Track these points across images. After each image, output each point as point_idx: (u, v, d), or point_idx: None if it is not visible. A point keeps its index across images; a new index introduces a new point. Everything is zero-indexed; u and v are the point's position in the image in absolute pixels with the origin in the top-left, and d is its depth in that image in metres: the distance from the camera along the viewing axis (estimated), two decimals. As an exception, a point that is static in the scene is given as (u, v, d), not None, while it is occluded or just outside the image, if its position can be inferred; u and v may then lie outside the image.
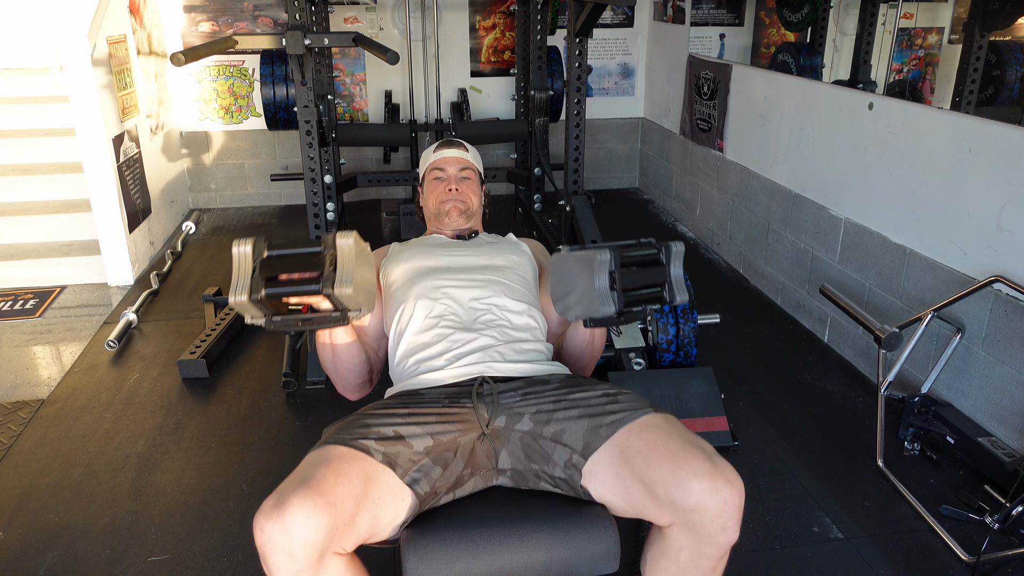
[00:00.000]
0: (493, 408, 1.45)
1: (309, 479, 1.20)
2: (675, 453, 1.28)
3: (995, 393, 2.35)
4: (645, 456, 1.30)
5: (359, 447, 1.33)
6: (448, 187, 1.95)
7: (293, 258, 1.35)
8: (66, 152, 4.18)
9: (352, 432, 1.37)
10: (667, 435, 1.33)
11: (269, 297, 1.31)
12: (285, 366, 2.87)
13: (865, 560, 2.02)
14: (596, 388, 1.50)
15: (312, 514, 1.15)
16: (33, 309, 3.55)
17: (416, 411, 1.44)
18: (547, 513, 1.39)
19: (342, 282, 1.30)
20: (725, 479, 1.23)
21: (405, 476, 1.34)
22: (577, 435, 1.40)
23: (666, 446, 1.30)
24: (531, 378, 1.56)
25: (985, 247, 2.36)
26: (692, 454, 1.27)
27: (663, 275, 1.44)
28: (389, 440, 1.36)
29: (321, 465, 1.25)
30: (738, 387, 2.85)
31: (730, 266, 4.06)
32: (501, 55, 5.08)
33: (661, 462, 1.28)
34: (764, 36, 4.87)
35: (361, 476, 1.27)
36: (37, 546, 2.08)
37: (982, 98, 3.39)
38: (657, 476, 1.27)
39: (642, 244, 1.46)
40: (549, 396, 1.48)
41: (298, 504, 1.15)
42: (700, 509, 1.23)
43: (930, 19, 4.34)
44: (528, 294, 1.74)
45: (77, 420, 2.67)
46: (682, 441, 1.31)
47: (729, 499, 1.23)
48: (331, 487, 1.20)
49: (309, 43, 2.80)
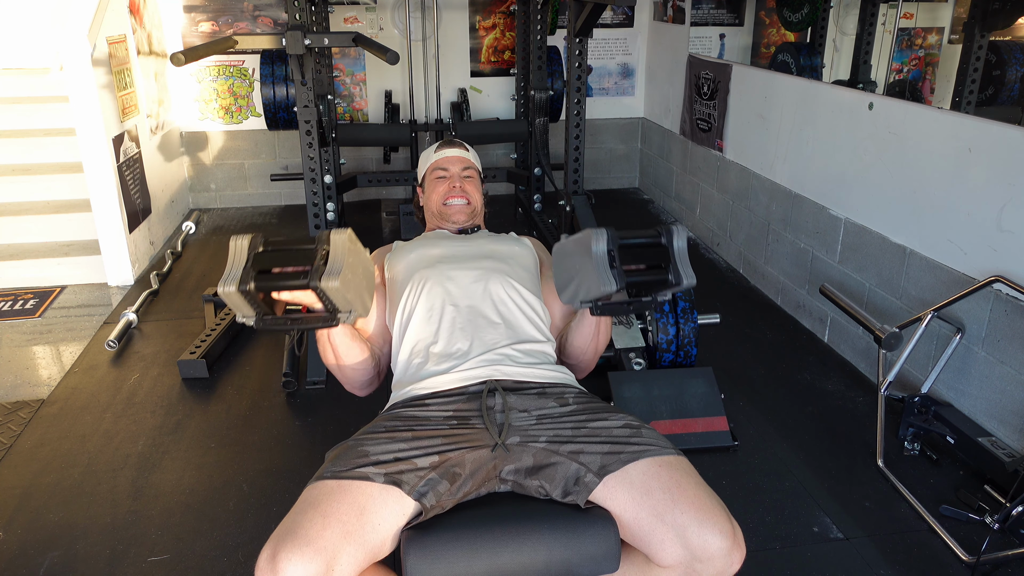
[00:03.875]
0: (506, 429, 1.45)
1: (297, 529, 1.25)
2: (703, 504, 1.32)
3: (995, 393, 2.35)
4: (673, 496, 1.33)
5: (354, 476, 1.34)
6: (452, 185, 1.96)
7: (287, 253, 1.35)
8: (66, 152, 4.18)
9: (349, 463, 1.37)
10: (696, 484, 1.37)
11: (258, 290, 1.30)
12: (285, 366, 2.87)
13: (865, 560, 2.02)
14: (616, 418, 1.49)
15: (301, 564, 1.20)
16: (33, 309, 3.55)
17: (420, 434, 1.44)
18: (548, 513, 1.39)
19: (330, 275, 1.29)
20: (740, 545, 1.31)
21: (412, 491, 1.34)
22: (595, 457, 1.40)
23: (696, 494, 1.34)
24: (543, 388, 1.55)
25: (985, 247, 2.36)
26: (718, 511, 1.32)
27: (665, 255, 1.41)
28: (390, 463, 1.36)
29: (309, 509, 1.29)
30: (738, 387, 2.85)
31: (730, 266, 4.06)
32: (501, 55, 5.08)
33: (689, 508, 1.31)
34: (764, 36, 4.87)
35: (352, 509, 1.29)
36: (37, 546, 2.07)
37: (982, 98, 3.39)
38: (683, 520, 1.30)
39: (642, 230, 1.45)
40: (567, 423, 1.47)
41: (286, 558, 1.20)
42: (710, 561, 1.28)
43: (930, 19, 4.34)
44: (530, 280, 1.75)
45: (77, 420, 2.67)
46: (708, 494, 1.36)
47: (736, 562, 1.30)
48: (318, 533, 1.24)
49: (309, 43, 2.80)
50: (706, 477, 2.41)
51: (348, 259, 1.33)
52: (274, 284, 1.32)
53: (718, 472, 2.36)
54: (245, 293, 1.29)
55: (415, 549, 1.32)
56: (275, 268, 1.33)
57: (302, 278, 1.30)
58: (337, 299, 1.33)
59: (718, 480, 2.33)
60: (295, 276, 1.32)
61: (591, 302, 1.44)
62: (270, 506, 2.22)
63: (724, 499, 1.36)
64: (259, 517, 2.18)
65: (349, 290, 1.33)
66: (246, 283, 1.29)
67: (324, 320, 1.38)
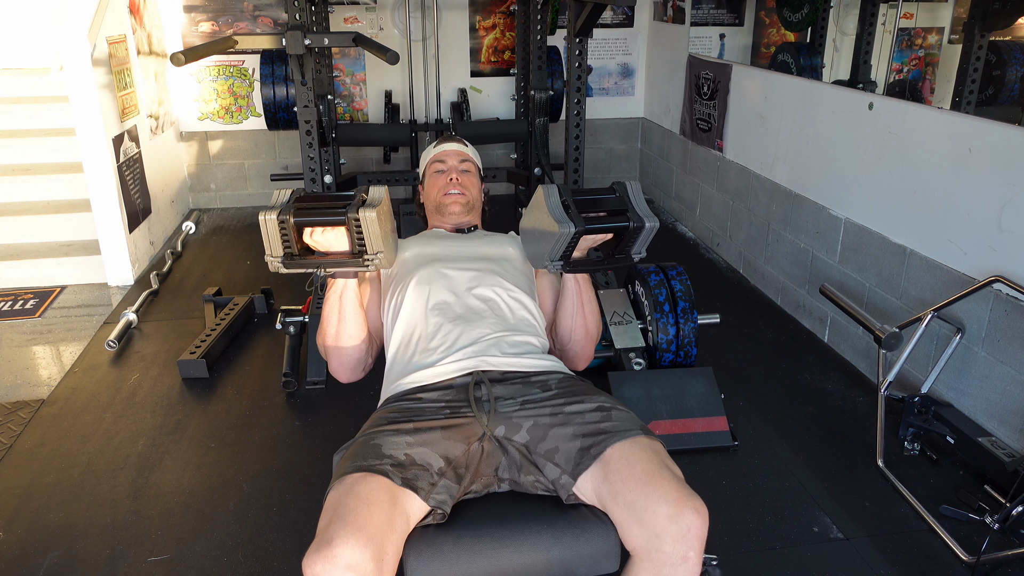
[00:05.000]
0: (491, 416, 1.46)
1: (347, 516, 1.23)
2: (649, 476, 1.29)
3: (995, 393, 2.35)
4: (623, 477, 1.32)
5: (379, 471, 1.33)
6: (449, 178, 1.98)
7: (328, 198, 1.41)
8: (66, 152, 4.18)
9: (369, 460, 1.36)
10: (646, 459, 1.34)
11: (297, 221, 1.35)
12: (285, 366, 2.87)
13: (865, 560, 2.02)
14: (592, 399, 1.49)
15: (357, 550, 1.18)
16: (33, 309, 3.55)
17: (421, 425, 1.44)
18: (547, 513, 1.39)
19: (368, 207, 1.34)
20: (692, 507, 1.24)
21: (428, 498, 1.34)
22: (569, 455, 1.40)
23: (644, 469, 1.31)
24: (528, 377, 1.56)
25: (985, 247, 2.36)
26: (664, 479, 1.28)
27: (622, 203, 1.42)
28: (404, 466, 1.36)
29: (351, 498, 1.27)
30: (738, 387, 2.85)
31: (730, 266, 4.06)
32: (501, 55, 5.08)
33: (636, 484, 1.29)
34: (764, 36, 4.87)
35: (389, 499, 1.28)
36: (37, 546, 2.07)
37: (982, 98, 3.39)
38: (631, 497, 1.28)
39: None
40: (546, 407, 1.48)
41: (342, 543, 1.17)
42: (663, 534, 1.24)
43: (930, 19, 4.34)
44: (524, 283, 1.76)
45: (77, 420, 2.67)
46: (657, 466, 1.32)
47: (692, 527, 1.23)
48: (367, 519, 1.22)
49: (309, 43, 2.80)
50: (706, 477, 2.42)
51: (383, 205, 1.37)
52: (312, 216, 1.37)
53: (718, 472, 2.36)
54: (283, 223, 1.32)
55: (415, 549, 1.32)
56: (315, 208, 1.38)
57: (340, 213, 1.35)
58: (371, 234, 1.36)
59: (718, 480, 2.33)
60: (333, 211, 1.37)
61: (561, 260, 1.44)
62: (270, 506, 2.22)
63: (724, 499, 1.36)
64: (259, 517, 2.18)
65: (381, 231, 1.36)
66: (286, 213, 1.33)
67: (352, 261, 1.41)
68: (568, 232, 1.35)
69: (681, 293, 2.77)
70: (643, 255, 1.48)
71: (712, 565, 1.73)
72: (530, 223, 1.48)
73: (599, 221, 1.40)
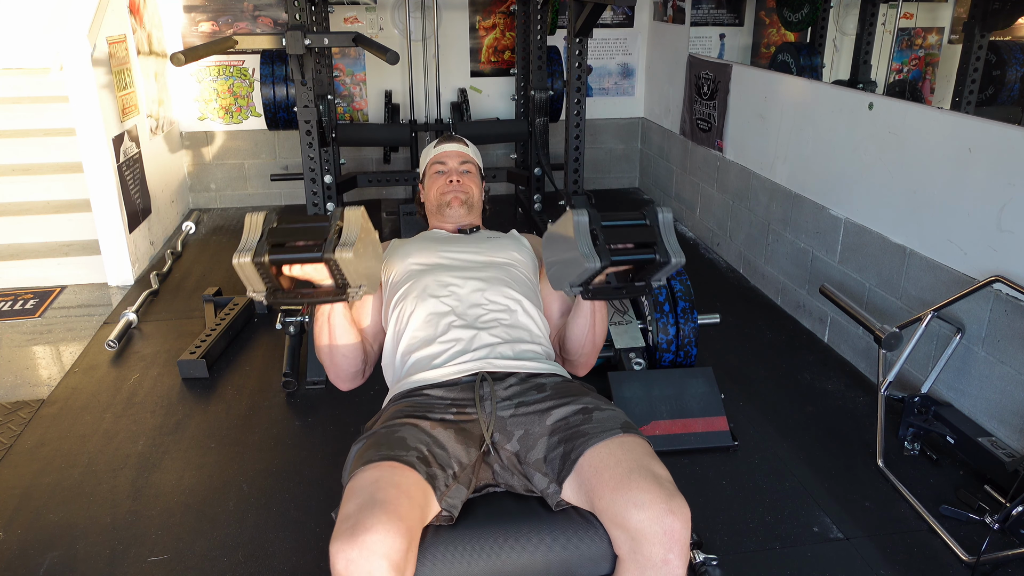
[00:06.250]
0: (491, 419, 1.46)
1: (377, 499, 1.20)
2: (621, 480, 1.26)
3: (995, 393, 2.35)
4: (597, 482, 1.29)
5: (408, 462, 1.32)
6: (449, 179, 1.96)
7: (301, 229, 1.36)
8: (66, 152, 4.18)
9: (396, 450, 1.34)
10: (619, 461, 1.30)
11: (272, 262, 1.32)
12: (285, 366, 2.87)
13: (865, 560, 2.02)
14: (578, 401, 1.48)
15: (390, 533, 1.15)
16: (33, 309, 3.55)
17: (435, 424, 1.44)
18: (547, 514, 1.39)
19: (344, 246, 1.31)
20: (668, 509, 1.20)
21: (443, 500, 1.33)
22: (553, 463, 1.39)
23: (616, 473, 1.27)
24: (527, 379, 1.55)
25: (985, 247, 2.36)
26: (636, 481, 1.24)
27: (651, 235, 1.39)
28: (428, 463, 1.35)
29: (381, 482, 1.24)
30: (738, 387, 2.85)
31: (730, 266, 4.06)
32: (501, 55, 5.08)
33: (607, 490, 1.26)
34: (764, 36, 4.87)
35: (420, 491, 1.27)
36: (37, 546, 2.07)
37: (982, 98, 3.39)
38: (604, 503, 1.26)
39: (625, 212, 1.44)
40: (537, 412, 1.47)
41: (374, 526, 1.14)
42: (641, 538, 1.21)
43: (930, 19, 4.34)
44: (529, 290, 1.74)
45: (77, 420, 2.67)
46: (631, 468, 1.27)
47: (669, 529, 1.20)
48: (396, 502, 1.20)
49: (309, 43, 2.80)
50: (706, 477, 2.42)
51: (361, 234, 1.34)
52: (287, 256, 1.33)
53: (718, 472, 2.36)
54: (259, 265, 1.30)
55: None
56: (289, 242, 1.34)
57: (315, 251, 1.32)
58: (349, 272, 1.34)
59: (718, 480, 2.33)
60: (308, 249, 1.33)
61: (581, 286, 1.43)
62: (270, 506, 2.22)
63: (724, 499, 1.35)
64: (259, 517, 2.18)
65: (361, 263, 1.35)
66: (260, 255, 1.30)
67: (334, 295, 1.40)
68: (594, 268, 1.34)
69: (681, 293, 2.77)
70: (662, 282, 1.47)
71: (712, 565, 1.72)
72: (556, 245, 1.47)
73: (626, 252, 1.40)
